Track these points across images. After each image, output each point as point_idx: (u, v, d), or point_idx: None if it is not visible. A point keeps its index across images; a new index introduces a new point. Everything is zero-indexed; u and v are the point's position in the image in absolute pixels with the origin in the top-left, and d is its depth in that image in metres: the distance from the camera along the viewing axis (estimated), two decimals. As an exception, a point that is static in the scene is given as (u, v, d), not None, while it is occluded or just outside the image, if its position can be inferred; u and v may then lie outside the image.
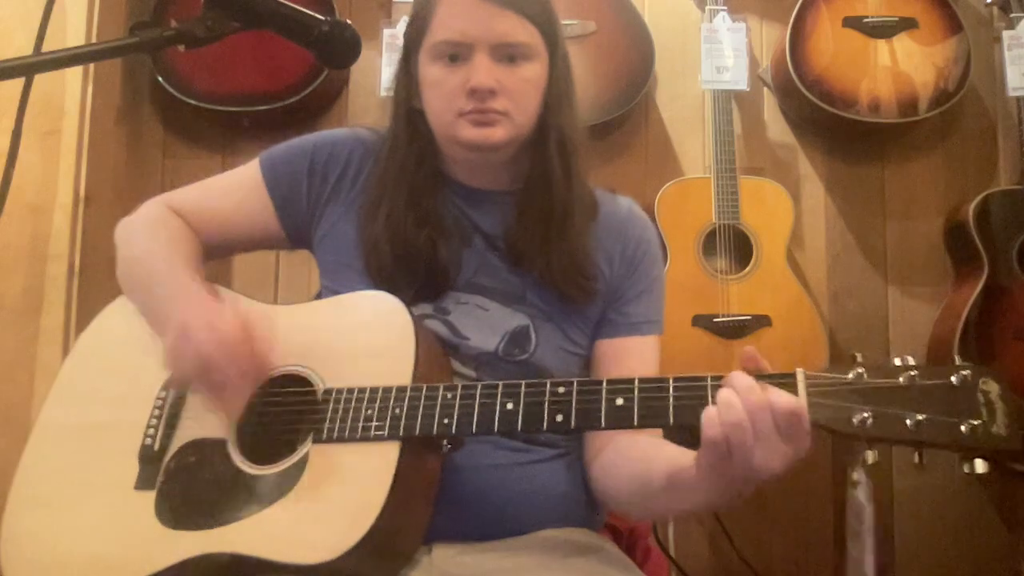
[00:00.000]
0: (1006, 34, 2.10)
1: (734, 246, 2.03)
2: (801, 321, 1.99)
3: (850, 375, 0.82)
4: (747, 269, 2.01)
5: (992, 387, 0.78)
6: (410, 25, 1.13)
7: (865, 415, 0.80)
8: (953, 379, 0.79)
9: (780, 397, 0.80)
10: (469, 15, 1.05)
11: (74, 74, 1.90)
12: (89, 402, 1.10)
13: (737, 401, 0.80)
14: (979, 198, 2.05)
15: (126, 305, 1.16)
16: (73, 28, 1.90)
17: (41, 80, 0.83)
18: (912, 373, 0.80)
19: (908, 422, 0.78)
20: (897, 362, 0.82)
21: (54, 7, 0.91)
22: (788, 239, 2.06)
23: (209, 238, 1.19)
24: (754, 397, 0.80)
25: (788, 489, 2.14)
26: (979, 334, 1.97)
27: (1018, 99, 2.10)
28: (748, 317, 1.97)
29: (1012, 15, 2.12)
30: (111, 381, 1.11)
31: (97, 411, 1.08)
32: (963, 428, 0.77)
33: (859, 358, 0.83)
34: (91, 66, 1.92)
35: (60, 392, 1.13)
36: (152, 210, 1.19)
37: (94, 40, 1.91)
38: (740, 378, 0.83)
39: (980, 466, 0.71)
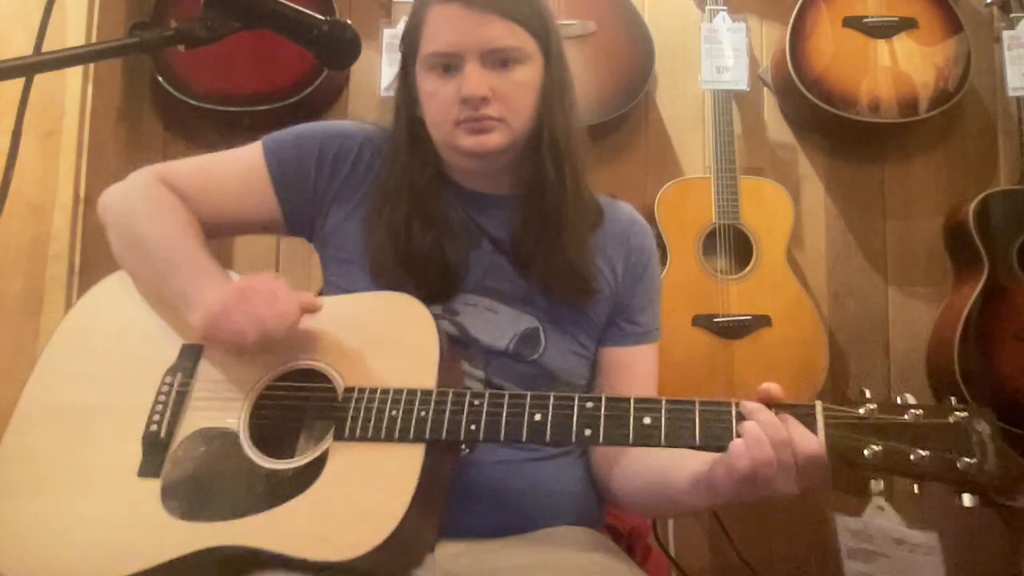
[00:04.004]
0: (1006, 34, 2.10)
1: (734, 246, 2.03)
2: (801, 321, 1.99)
3: (862, 411, 0.88)
4: (747, 269, 2.01)
5: (984, 428, 0.85)
6: (404, 37, 1.13)
7: (876, 448, 0.86)
8: (951, 419, 0.86)
9: (803, 440, 0.86)
10: (456, 25, 1.05)
11: (74, 74, 1.90)
12: (79, 384, 1.06)
13: (765, 438, 0.86)
14: (979, 198, 2.05)
15: (118, 287, 1.13)
16: (73, 28, 1.90)
17: (41, 80, 0.83)
18: (916, 412, 0.87)
19: (912, 456, 0.85)
20: (899, 401, 0.89)
21: (54, 7, 0.91)
22: (788, 239, 2.06)
23: (205, 218, 1.16)
24: (778, 434, 0.86)
25: (788, 489, 2.14)
26: (979, 334, 1.97)
27: (1018, 99, 2.10)
28: (748, 317, 1.97)
29: (1012, 15, 2.12)
30: (106, 364, 1.08)
31: (89, 394, 1.05)
32: (959, 465, 0.84)
33: (867, 394, 0.90)
34: (91, 66, 1.92)
35: (45, 373, 1.09)
36: (148, 185, 1.15)
37: (94, 40, 1.91)
38: (763, 413, 0.88)
39: (968, 500, 0.74)
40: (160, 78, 2.07)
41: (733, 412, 0.90)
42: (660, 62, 2.16)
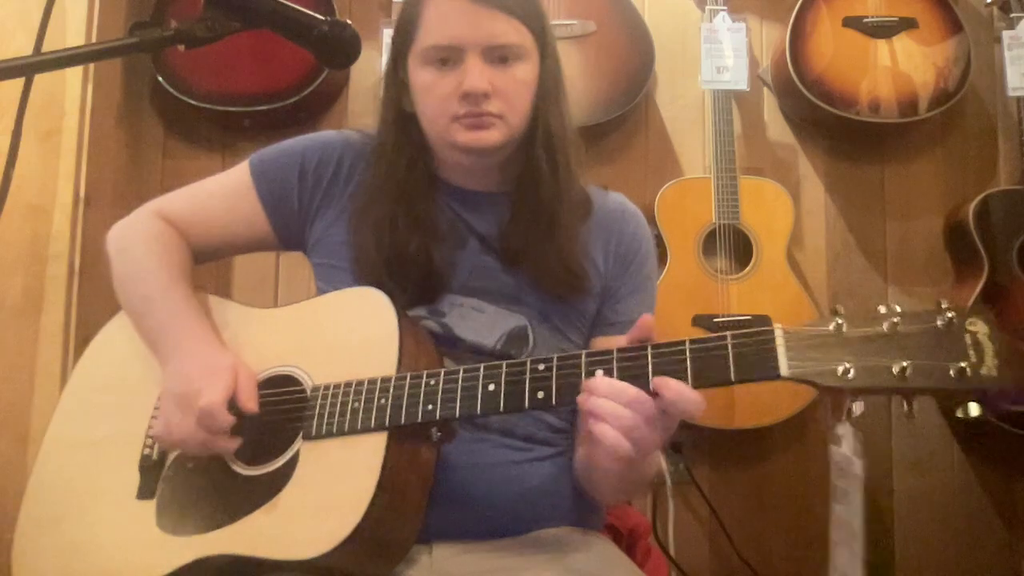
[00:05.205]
0: (1006, 34, 2.10)
1: (734, 246, 2.03)
2: (801, 321, 1.99)
3: (830, 327, 0.80)
4: (747, 269, 2.02)
5: (980, 327, 0.76)
6: (397, 29, 1.12)
7: (847, 366, 0.78)
8: (938, 322, 0.77)
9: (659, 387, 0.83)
10: (458, 18, 1.04)
11: (74, 74, 1.90)
12: (93, 417, 1.11)
13: (622, 411, 0.83)
14: (979, 198, 2.05)
15: (126, 320, 1.16)
16: (73, 28, 1.90)
17: (41, 80, 0.83)
18: (895, 320, 0.78)
19: (893, 369, 0.76)
20: (882, 310, 0.80)
21: (54, 7, 0.91)
22: (788, 239, 2.06)
23: (201, 244, 1.19)
24: (630, 399, 0.83)
25: (788, 488, 2.14)
26: (979, 334, 1.97)
27: (1018, 99, 2.10)
28: (748, 317, 1.97)
29: (1012, 15, 2.12)
30: (113, 395, 1.12)
31: (100, 425, 1.09)
32: (951, 371, 0.75)
33: (840, 310, 0.81)
34: (91, 66, 1.92)
35: (65, 408, 1.14)
36: (143, 221, 1.19)
37: (94, 40, 1.91)
38: (602, 388, 0.85)
39: (974, 409, 0.70)
40: (160, 78, 2.08)
41: (688, 348, 0.85)
42: (660, 62, 2.16)
